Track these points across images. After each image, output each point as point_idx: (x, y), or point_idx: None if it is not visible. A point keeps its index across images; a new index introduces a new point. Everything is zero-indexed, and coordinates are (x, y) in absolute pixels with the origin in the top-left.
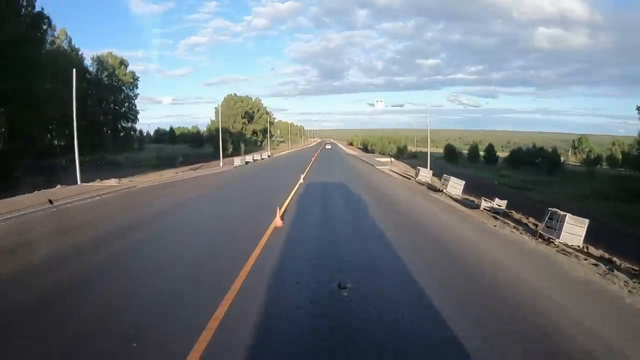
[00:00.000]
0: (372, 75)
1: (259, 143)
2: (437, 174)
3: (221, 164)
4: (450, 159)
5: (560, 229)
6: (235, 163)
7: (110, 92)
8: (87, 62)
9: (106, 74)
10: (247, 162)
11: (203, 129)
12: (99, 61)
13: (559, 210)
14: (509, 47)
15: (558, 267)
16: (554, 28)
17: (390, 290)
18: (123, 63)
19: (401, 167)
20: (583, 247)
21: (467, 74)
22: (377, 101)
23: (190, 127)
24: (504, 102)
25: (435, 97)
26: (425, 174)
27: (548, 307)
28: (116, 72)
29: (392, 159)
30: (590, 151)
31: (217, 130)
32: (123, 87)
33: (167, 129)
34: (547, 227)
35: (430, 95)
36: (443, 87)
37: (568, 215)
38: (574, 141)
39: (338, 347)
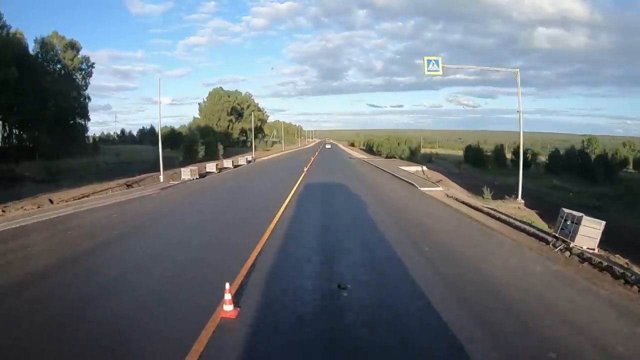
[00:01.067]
0: (372, 75)
1: (248, 144)
2: (499, 193)
3: (161, 177)
4: (477, 164)
5: None
6: (183, 176)
7: (51, 81)
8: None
9: (49, 57)
10: (203, 175)
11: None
12: (42, 43)
13: None
14: (509, 47)
15: None
16: (553, 28)
17: None
18: (73, 46)
19: (453, 185)
20: None
21: (466, 74)
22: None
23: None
24: (503, 103)
25: (434, 98)
26: (594, 232)
27: None
28: (61, 56)
29: (424, 168)
30: (616, 153)
31: (200, 128)
32: (75, 77)
33: (161, 128)
34: None
35: (430, 96)
36: (442, 87)
37: None
38: (583, 142)
39: None
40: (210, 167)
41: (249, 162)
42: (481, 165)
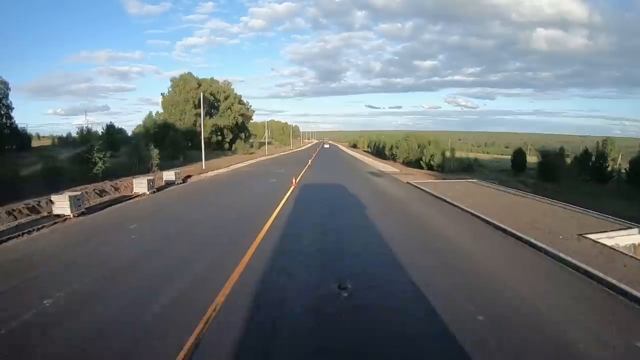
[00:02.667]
0: (370, 76)
1: (226, 145)
2: None
3: None
4: (546, 176)
5: None
6: None
7: None
8: None
9: None
10: None
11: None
12: None
13: None
14: (507, 48)
15: None
16: (552, 29)
17: None
18: None
19: None
20: None
21: (464, 76)
22: None
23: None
24: (501, 104)
25: (432, 99)
26: None
27: None
28: None
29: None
30: None
31: (157, 125)
32: None
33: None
34: None
35: (428, 97)
36: (441, 88)
37: None
38: (598, 143)
39: None
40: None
41: (156, 189)
42: (554, 178)
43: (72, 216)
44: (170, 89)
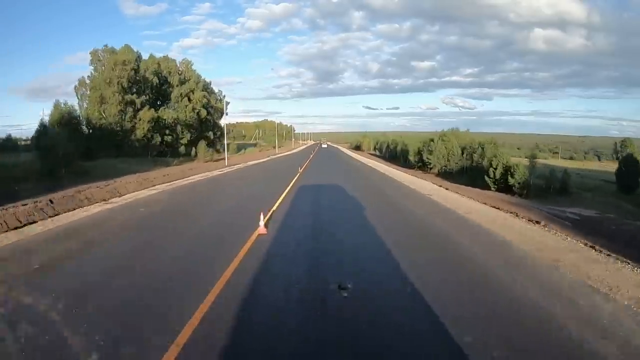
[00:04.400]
0: (368, 77)
1: (181, 148)
2: None
3: None
4: None
5: None
6: None
7: None
8: None
9: None
10: None
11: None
12: None
13: None
14: (505, 49)
15: None
16: (550, 30)
17: None
18: None
19: None
20: None
21: (462, 77)
22: None
23: None
24: (499, 105)
25: (430, 100)
26: None
27: None
28: None
29: None
30: None
31: (64, 120)
32: None
33: None
34: None
35: (426, 98)
36: (438, 89)
37: None
38: (615, 144)
39: None
40: None
41: None
42: None
43: None
44: (91, 67)
